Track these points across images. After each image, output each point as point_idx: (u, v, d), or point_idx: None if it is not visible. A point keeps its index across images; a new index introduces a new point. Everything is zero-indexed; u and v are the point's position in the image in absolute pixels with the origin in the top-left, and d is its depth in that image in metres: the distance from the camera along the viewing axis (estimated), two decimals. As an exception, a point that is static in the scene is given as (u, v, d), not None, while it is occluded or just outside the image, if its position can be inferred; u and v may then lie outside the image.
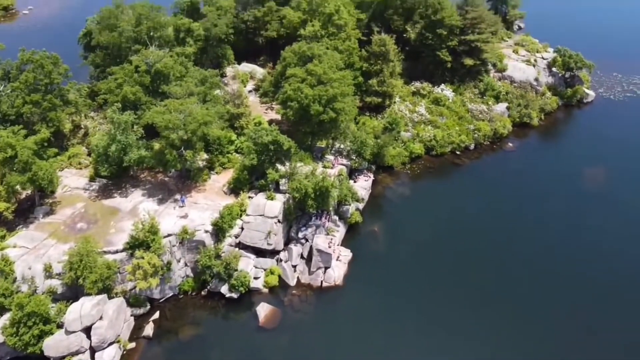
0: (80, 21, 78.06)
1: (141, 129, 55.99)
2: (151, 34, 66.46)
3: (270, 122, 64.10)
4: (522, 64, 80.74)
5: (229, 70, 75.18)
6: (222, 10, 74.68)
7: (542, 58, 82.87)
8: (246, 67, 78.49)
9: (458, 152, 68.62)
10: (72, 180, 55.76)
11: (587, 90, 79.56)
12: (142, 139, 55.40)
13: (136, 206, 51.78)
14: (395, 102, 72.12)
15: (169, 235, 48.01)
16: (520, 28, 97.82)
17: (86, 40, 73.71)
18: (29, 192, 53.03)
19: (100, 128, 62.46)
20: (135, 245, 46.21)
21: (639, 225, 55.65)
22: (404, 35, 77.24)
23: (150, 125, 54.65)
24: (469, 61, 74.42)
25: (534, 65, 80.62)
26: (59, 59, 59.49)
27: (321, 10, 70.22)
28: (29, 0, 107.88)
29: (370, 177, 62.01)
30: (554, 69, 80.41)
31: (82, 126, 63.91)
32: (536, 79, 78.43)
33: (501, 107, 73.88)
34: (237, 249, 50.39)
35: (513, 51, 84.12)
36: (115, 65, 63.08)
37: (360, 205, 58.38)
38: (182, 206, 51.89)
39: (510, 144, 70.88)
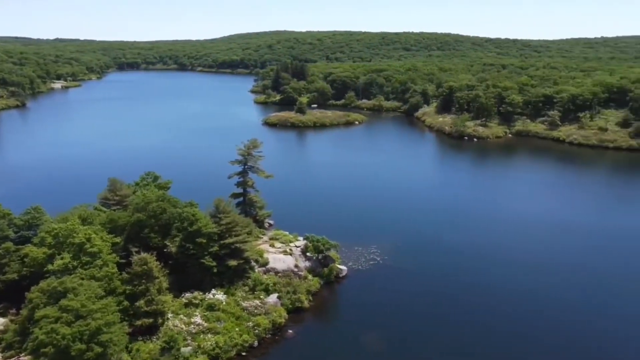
0: None
1: None
2: None
3: (20, 378, 53.45)
4: (280, 255, 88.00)
5: (-43, 330, 62.21)
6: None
7: (296, 246, 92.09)
8: (-19, 320, 66.21)
9: (244, 354, 67.04)
10: None
11: (339, 267, 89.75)
12: None
13: None
14: (168, 319, 68.75)
15: None
16: (270, 225, 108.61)
17: None
18: None
19: None
20: None
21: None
22: (165, 250, 77.75)
23: None
24: (232, 262, 77.84)
25: (291, 254, 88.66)
26: None
27: (70, 241, 66.47)
28: None
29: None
30: (308, 254, 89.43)
31: None
32: (296, 266, 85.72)
33: (272, 298, 77.12)
34: None
35: (270, 245, 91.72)
36: None
37: None
38: None
39: (290, 331, 72.90)
